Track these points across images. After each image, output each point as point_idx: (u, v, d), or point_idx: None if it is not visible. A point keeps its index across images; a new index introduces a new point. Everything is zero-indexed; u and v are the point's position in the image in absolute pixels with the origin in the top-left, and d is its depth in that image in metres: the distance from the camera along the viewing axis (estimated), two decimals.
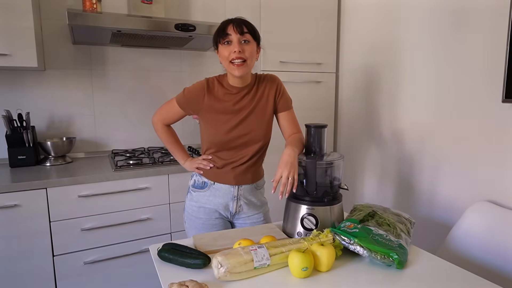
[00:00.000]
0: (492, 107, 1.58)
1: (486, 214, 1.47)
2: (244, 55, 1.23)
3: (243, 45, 1.23)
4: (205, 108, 1.32)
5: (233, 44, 1.23)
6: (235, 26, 1.22)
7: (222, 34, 1.24)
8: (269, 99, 1.36)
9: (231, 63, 1.24)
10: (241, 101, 1.32)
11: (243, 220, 1.43)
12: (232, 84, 1.32)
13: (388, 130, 2.16)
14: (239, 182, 1.36)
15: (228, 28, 1.23)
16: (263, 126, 1.35)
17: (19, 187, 1.60)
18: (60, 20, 2.07)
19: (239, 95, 1.33)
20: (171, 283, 0.86)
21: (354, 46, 2.38)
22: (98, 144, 2.28)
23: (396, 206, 2.14)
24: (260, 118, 1.34)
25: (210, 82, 1.34)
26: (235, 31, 1.22)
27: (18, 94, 2.04)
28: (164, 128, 1.45)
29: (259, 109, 1.34)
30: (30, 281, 1.67)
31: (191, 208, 1.41)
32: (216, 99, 1.32)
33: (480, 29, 1.61)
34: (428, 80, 1.87)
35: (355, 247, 1.00)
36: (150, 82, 2.37)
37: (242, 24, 1.23)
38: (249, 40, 1.25)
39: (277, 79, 1.39)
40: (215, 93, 1.32)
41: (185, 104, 1.35)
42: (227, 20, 1.26)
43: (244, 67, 1.24)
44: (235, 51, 1.22)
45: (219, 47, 1.27)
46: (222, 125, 1.31)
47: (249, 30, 1.24)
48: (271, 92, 1.36)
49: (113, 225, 1.81)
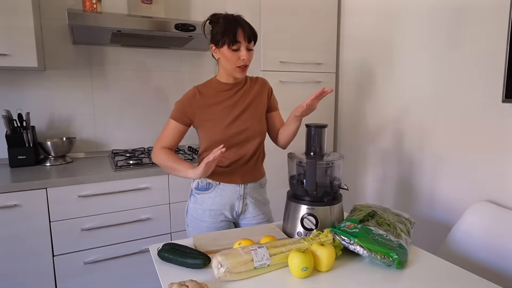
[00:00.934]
0: (492, 107, 1.58)
1: (486, 214, 1.47)
2: (249, 62, 1.30)
3: (248, 52, 1.28)
4: (200, 109, 1.33)
5: (241, 52, 1.27)
6: (245, 33, 1.26)
7: (232, 39, 1.25)
8: (263, 98, 1.42)
9: (237, 68, 1.29)
10: (235, 96, 1.36)
11: (248, 221, 1.43)
12: (226, 81, 1.36)
13: (388, 130, 2.16)
14: (245, 180, 1.37)
15: (238, 35, 1.25)
16: (260, 120, 1.40)
17: (19, 187, 1.60)
18: (60, 20, 2.07)
19: (232, 91, 1.36)
20: (171, 283, 0.86)
21: (354, 46, 2.38)
22: (98, 144, 2.28)
23: (396, 206, 2.14)
24: (255, 114, 1.38)
25: (199, 88, 1.36)
26: (244, 39, 1.26)
27: (18, 94, 2.04)
28: (161, 149, 1.33)
29: (254, 105, 1.39)
30: (30, 281, 1.67)
31: (196, 211, 1.39)
32: (209, 98, 1.34)
33: (480, 29, 1.60)
34: (428, 80, 1.87)
35: (355, 247, 1.00)
36: (150, 82, 2.37)
37: (250, 30, 1.27)
38: (252, 47, 1.31)
39: (266, 80, 1.47)
40: (207, 94, 1.35)
41: (180, 114, 1.33)
42: (234, 21, 1.26)
43: (246, 70, 1.33)
44: (243, 59, 1.27)
45: (223, 48, 1.27)
46: (220, 122, 1.32)
47: (254, 37, 1.30)
48: (264, 91, 1.43)
49: (113, 225, 1.81)
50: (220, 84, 1.36)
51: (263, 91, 1.42)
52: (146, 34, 1.92)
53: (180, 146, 2.47)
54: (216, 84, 1.36)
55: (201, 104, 1.33)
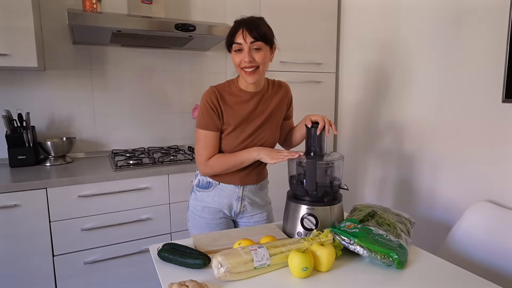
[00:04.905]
0: (492, 107, 1.58)
1: (486, 214, 1.47)
2: (256, 62, 1.21)
3: (253, 53, 1.21)
4: (222, 119, 1.29)
5: (243, 52, 1.20)
6: (245, 32, 1.18)
7: (230, 41, 1.22)
8: (282, 107, 1.39)
9: (242, 70, 1.23)
10: (256, 110, 1.31)
11: (246, 219, 1.43)
12: (245, 89, 1.30)
13: (388, 130, 2.16)
14: (244, 182, 1.36)
15: (237, 36, 1.19)
16: (275, 131, 1.37)
17: (19, 187, 1.60)
18: (60, 20, 2.07)
19: (252, 101, 1.31)
20: (171, 283, 0.86)
21: (354, 46, 2.38)
22: (98, 144, 2.28)
23: (396, 206, 2.14)
24: (273, 125, 1.36)
25: (219, 90, 1.28)
26: (245, 40, 1.18)
27: (18, 94, 2.04)
28: (210, 160, 1.29)
29: (274, 115, 1.35)
30: (30, 281, 1.67)
31: (196, 208, 1.40)
32: (229, 106, 1.29)
33: (480, 29, 1.60)
34: (428, 80, 1.87)
35: (355, 247, 1.00)
36: (150, 82, 2.37)
37: (254, 30, 1.18)
38: (261, 47, 1.21)
39: (289, 88, 1.42)
40: (228, 101, 1.29)
41: (211, 121, 1.26)
42: (239, 22, 1.21)
43: (256, 74, 1.23)
44: (245, 60, 1.20)
45: (231, 52, 1.25)
46: (236, 138, 1.30)
47: (261, 36, 1.19)
48: (284, 100, 1.39)
49: (113, 225, 1.81)
50: (241, 93, 1.30)
51: (284, 99, 1.38)
52: (146, 34, 1.92)
53: (180, 146, 2.47)
54: (237, 92, 1.30)
55: (223, 109, 1.28)
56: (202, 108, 1.28)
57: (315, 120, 1.22)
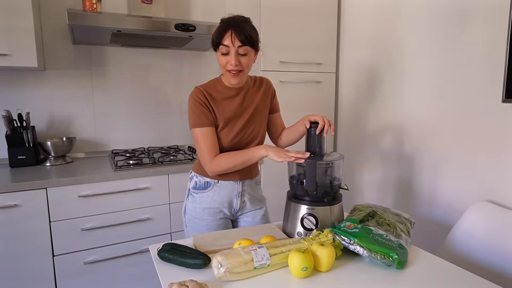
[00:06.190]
0: (492, 107, 1.58)
1: (486, 214, 1.47)
2: (241, 66, 1.24)
3: (239, 57, 1.22)
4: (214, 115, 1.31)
5: (230, 55, 1.21)
6: (234, 35, 1.18)
7: (217, 43, 1.22)
8: (267, 100, 1.42)
9: (228, 72, 1.25)
10: (243, 104, 1.34)
11: (245, 216, 1.45)
12: (229, 85, 1.33)
13: (388, 130, 2.16)
14: (243, 177, 1.38)
15: (225, 39, 1.19)
16: (263, 123, 1.41)
17: (19, 187, 1.60)
18: (60, 20, 2.07)
19: (239, 96, 1.34)
20: (171, 283, 0.86)
21: (354, 46, 2.38)
22: (98, 144, 2.28)
23: (396, 206, 2.14)
24: (260, 117, 1.39)
25: (206, 89, 1.30)
26: (233, 43, 1.19)
27: (18, 94, 2.04)
28: (216, 158, 1.28)
29: (260, 107, 1.39)
30: (30, 281, 1.67)
31: (194, 211, 1.39)
32: (219, 104, 1.31)
33: (480, 29, 1.60)
34: (428, 80, 1.87)
35: (355, 247, 1.00)
36: (150, 82, 2.37)
37: (242, 33, 1.19)
38: (247, 52, 1.22)
39: (271, 82, 1.46)
40: (216, 99, 1.31)
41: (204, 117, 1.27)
42: (226, 23, 1.21)
43: (241, 75, 1.27)
44: (231, 63, 1.21)
45: (216, 52, 1.26)
46: (228, 133, 1.32)
47: (248, 40, 1.20)
48: (267, 93, 1.42)
49: (113, 225, 1.81)
50: (226, 89, 1.33)
51: (267, 92, 1.42)
52: (146, 34, 1.92)
53: (180, 146, 2.47)
54: (223, 89, 1.32)
55: (213, 106, 1.30)
56: (193, 107, 1.29)
57: (315, 120, 1.23)
